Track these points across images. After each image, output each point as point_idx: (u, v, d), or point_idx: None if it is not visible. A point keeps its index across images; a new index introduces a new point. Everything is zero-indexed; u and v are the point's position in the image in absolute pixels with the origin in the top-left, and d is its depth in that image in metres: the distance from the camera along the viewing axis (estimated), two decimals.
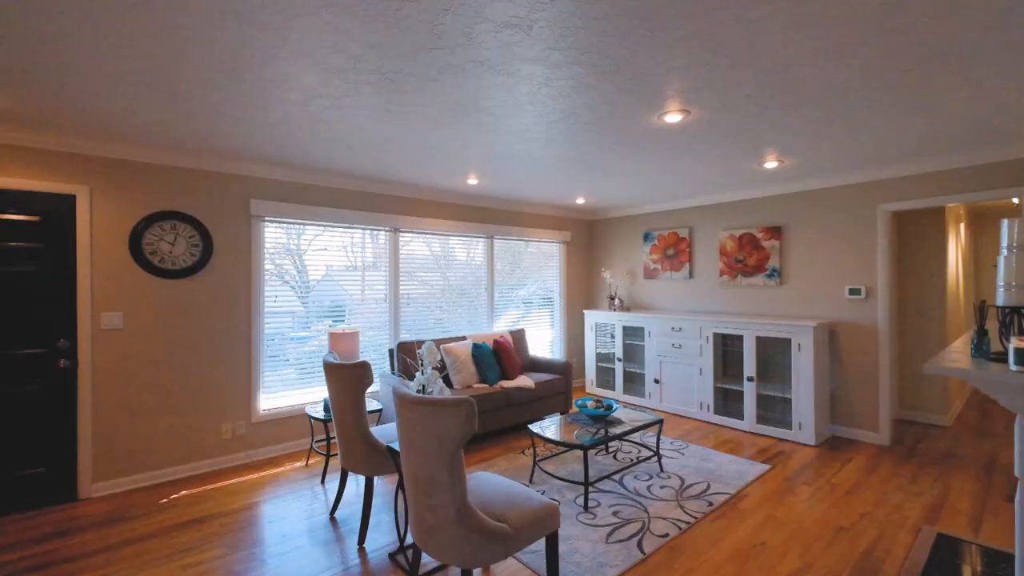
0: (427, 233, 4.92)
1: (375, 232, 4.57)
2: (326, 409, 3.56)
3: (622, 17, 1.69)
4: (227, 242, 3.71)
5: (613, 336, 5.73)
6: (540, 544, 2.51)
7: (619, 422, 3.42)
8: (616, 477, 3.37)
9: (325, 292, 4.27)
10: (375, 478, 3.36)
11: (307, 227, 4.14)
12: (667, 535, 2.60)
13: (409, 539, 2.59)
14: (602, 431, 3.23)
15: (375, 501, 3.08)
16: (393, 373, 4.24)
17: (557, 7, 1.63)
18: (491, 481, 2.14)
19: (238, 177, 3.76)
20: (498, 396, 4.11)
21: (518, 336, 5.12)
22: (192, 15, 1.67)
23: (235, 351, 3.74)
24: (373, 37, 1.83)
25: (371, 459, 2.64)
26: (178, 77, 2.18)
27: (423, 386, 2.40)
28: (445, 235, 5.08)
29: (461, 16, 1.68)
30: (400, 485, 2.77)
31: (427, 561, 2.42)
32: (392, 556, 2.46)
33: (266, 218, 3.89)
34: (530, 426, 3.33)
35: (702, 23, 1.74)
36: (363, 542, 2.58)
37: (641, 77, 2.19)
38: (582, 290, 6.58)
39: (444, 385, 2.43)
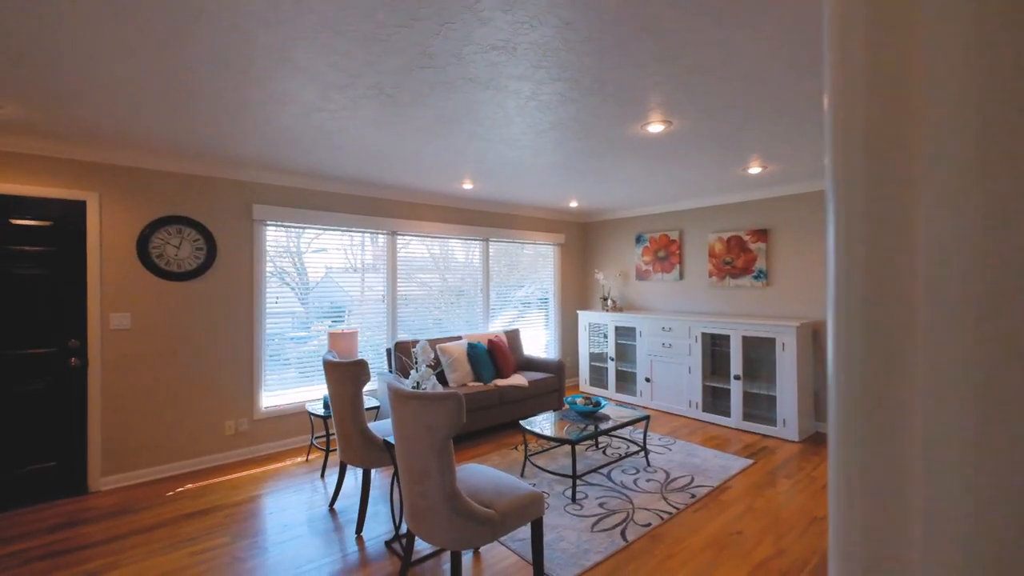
0: (424, 236, 5.06)
1: (374, 235, 4.71)
2: (326, 406, 3.70)
3: (598, 41, 1.84)
4: (230, 245, 3.85)
5: (606, 336, 5.86)
6: (527, 532, 2.64)
7: (607, 418, 3.56)
8: (604, 471, 3.51)
9: (325, 293, 4.40)
10: (372, 471, 3.49)
11: (307, 230, 4.28)
12: (649, 524, 2.74)
13: (404, 527, 2.73)
14: (591, 427, 3.37)
15: (372, 493, 3.22)
16: (390, 372, 4.38)
17: (538, 32, 1.77)
18: (481, 472, 2.28)
19: (241, 183, 3.89)
20: (492, 394, 4.25)
21: (513, 336, 5.26)
22: (199, 36, 1.81)
23: (238, 350, 3.87)
24: (369, 57, 1.97)
25: (368, 452, 2.77)
26: (185, 92, 2.32)
27: (417, 383, 2.54)
28: (442, 238, 5.22)
29: (450, 40, 1.82)
30: (395, 476, 2.91)
31: (420, 548, 2.56)
32: (388, 544, 2.59)
33: (268, 222, 4.03)
34: (521, 422, 3.47)
35: (673, 44, 1.88)
36: (361, 531, 2.72)
37: (622, 92, 2.33)
38: (576, 291, 6.72)
39: (437, 382, 2.57)
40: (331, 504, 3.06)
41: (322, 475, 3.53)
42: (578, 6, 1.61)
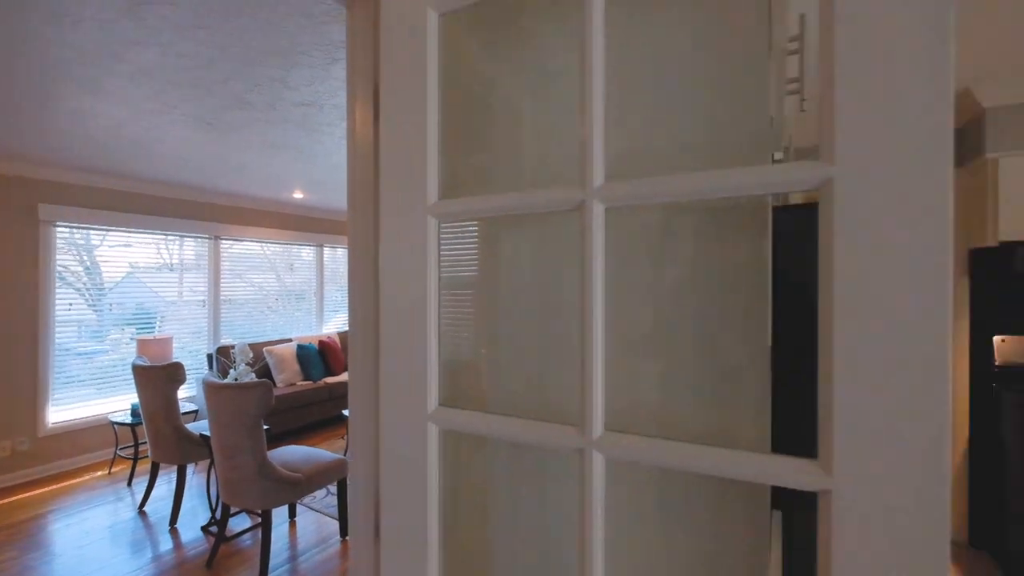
0: (252, 241, 5.09)
1: (198, 239, 4.60)
2: (134, 414, 3.62)
3: None
4: (6, 248, 3.49)
5: None
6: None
7: None
8: None
9: (127, 295, 4.19)
10: (188, 468, 3.56)
11: (111, 233, 4.04)
12: None
13: (219, 513, 2.96)
14: None
15: (188, 492, 3.32)
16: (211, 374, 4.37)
17: (340, 97, 2.30)
18: (296, 450, 2.70)
19: (23, 179, 3.56)
20: (321, 391, 4.56)
21: (346, 336, 5.58)
22: None
23: (15, 363, 3.52)
24: (187, 96, 2.26)
25: (183, 448, 2.93)
26: None
27: (236, 379, 2.83)
28: (273, 243, 5.29)
29: (263, 95, 2.25)
30: (212, 465, 3.12)
31: (236, 526, 2.84)
32: (204, 528, 2.82)
33: (58, 223, 3.73)
34: (344, 412, 3.90)
35: None
36: (175, 523, 2.88)
37: None
38: None
39: (256, 378, 2.89)
40: (140, 507, 3.10)
41: (129, 483, 3.48)
42: None
